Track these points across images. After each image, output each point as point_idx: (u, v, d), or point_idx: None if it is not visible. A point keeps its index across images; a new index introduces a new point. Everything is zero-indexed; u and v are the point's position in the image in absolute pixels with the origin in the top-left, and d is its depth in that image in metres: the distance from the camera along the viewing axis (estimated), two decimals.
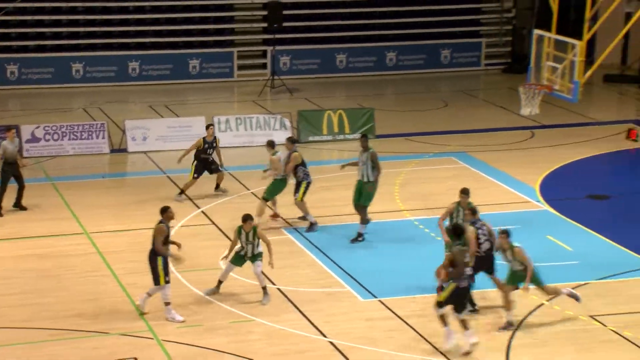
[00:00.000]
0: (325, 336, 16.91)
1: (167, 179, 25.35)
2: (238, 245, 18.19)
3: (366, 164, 20.98)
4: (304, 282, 19.13)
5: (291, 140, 22.42)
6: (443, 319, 16.18)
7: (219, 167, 23.81)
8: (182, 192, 23.51)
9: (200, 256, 20.21)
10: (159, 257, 17.36)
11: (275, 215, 22.51)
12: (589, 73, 22.71)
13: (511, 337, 16.88)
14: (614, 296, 18.53)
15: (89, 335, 16.94)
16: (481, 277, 17.66)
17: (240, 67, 36.79)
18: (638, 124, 30.37)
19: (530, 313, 17.82)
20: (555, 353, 16.43)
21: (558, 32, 23.33)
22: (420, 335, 16.92)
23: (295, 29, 37.26)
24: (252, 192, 23.99)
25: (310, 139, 28.87)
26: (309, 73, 37.09)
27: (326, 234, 21.70)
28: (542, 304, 18.17)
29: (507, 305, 17.04)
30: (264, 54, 36.99)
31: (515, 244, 17.06)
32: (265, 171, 22.10)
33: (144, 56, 35.92)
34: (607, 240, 21.36)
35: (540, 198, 24.01)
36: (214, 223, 22.24)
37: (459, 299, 16.19)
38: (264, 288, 18.26)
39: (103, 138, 27.87)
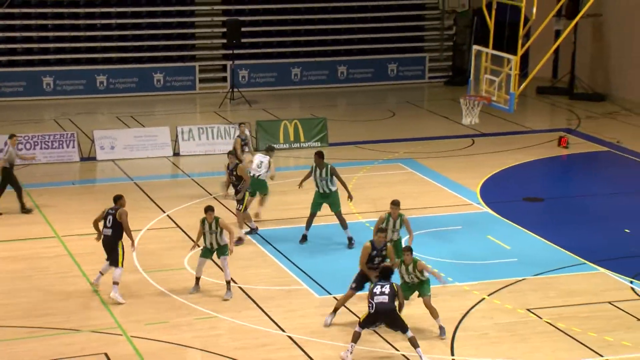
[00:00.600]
0: (284, 331, 16.95)
1: (134, 185, 25.26)
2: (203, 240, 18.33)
3: (325, 179, 20.93)
4: (264, 281, 19.17)
5: (269, 149, 22.71)
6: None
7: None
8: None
9: (165, 257, 20.21)
10: (120, 241, 18.04)
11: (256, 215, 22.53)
12: (523, 85, 22.86)
13: (455, 330, 17.01)
14: (548, 290, 18.71)
15: (60, 333, 16.84)
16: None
17: (202, 80, 36.72)
18: (568, 132, 30.68)
19: (473, 307, 17.96)
20: (496, 343, 16.56)
21: (495, 48, 23.46)
22: (374, 330, 17.02)
23: (253, 44, 37.28)
24: (213, 197, 23.98)
25: None
26: (266, 86, 37.08)
27: (284, 235, 21.70)
28: (484, 299, 18.32)
29: (433, 313, 16.96)
30: (224, 68, 36.94)
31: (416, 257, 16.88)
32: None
33: (111, 70, 35.74)
34: (542, 239, 21.54)
35: (481, 201, 24.17)
36: (178, 226, 22.21)
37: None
38: (228, 283, 18.30)
39: (73, 147, 27.73)
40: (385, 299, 15.69)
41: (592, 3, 25.61)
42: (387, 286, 15.84)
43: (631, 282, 19.20)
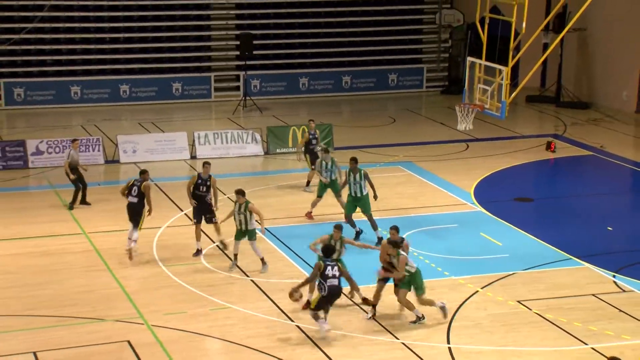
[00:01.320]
0: (292, 320, 16.99)
1: (154, 186, 25.24)
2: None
3: (359, 183, 20.84)
4: (274, 274, 19.17)
5: (325, 150, 22.98)
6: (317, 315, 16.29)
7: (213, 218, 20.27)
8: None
9: (183, 252, 20.21)
10: (145, 209, 19.69)
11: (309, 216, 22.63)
12: (514, 94, 22.85)
13: (451, 320, 17.02)
14: (537, 284, 18.70)
15: (87, 322, 16.89)
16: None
17: (217, 89, 36.76)
18: (555, 137, 30.67)
19: (467, 299, 17.96)
20: (488, 333, 16.58)
21: (487, 60, 23.45)
22: (374, 318, 17.03)
23: (264, 56, 37.30)
24: (227, 197, 24.00)
25: (278, 150, 28.91)
26: (276, 94, 37.12)
27: (293, 232, 21.72)
28: (477, 291, 18.33)
29: (408, 306, 16.86)
30: (237, 78, 36.98)
31: (401, 252, 16.77)
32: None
33: (133, 80, 35.81)
34: (531, 236, 21.54)
35: (475, 201, 24.17)
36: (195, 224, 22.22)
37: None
38: (262, 259, 19.08)
39: (98, 151, 27.78)
40: (336, 281, 16.02)
41: (577, 18, 25.55)
42: (336, 267, 16.17)
43: (614, 276, 19.19)
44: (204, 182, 20.09)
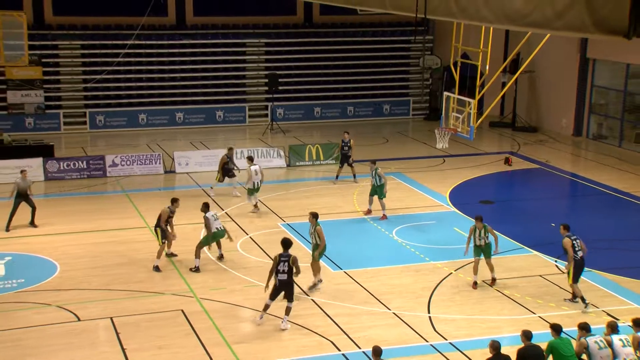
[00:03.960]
0: (308, 295, 16.97)
1: (201, 190, 25.34)
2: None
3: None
4: None
5: (373, 161, 22.87)
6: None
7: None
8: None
9: (223, 242, 20.02)
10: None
11: (368, 212, 22.39)
12: (479, 120, 22.84)
13: (430, 296, 16.98)
14: (497, 267, 18.49)
15: (149, 295, 16.96)
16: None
17: (250, 116, 36.71)
18: (512, 154, 30.54)
19: (443, 279, 17.92)
20: (460, 305, 16.55)
21: (459, 94, 23.46)
22: (370, 293, 16.99)
23: (287, 91, 37.25)
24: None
25: (298, 164, 28.86)
26: (296, 120, 37.09)
27: (308, 226, 21.68)
28: (451, 273, 18.26)
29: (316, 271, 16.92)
30: (266, 107, 36.98)
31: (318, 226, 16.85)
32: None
33: (187, 109, 35.83)
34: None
35: (449, 203, 24.11)
36: (233, 220, 22.12)
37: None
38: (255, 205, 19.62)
39: (159, 164, 27.82)
40: (285, 276, 15.24)
41: (528, 63, 25.52)
42: (287, 263, 15.14)
43: (555, 261, 19.12)
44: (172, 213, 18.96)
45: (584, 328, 12.81)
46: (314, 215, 17.27)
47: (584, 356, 12.69)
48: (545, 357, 12.51)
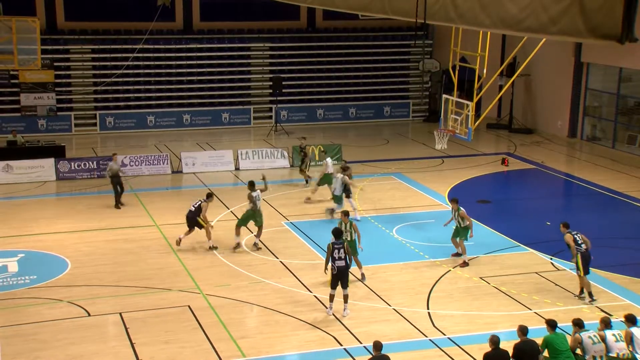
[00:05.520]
0: (311, 291, 17.01)
1: (208, 191, 25.33)
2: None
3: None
4: (297, 257, 19.19)
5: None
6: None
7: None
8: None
9: (229, 240, 20.15)
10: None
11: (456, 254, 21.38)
12: (477, 122, 22.82)
13: (430, 291, 16.98)
14: (494, 264, 18.64)
15: (158, 291, 16.97)
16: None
17: (255, 118, 36.78)
18: (508, 155, 30.55)
19: (442, 276, 17.93)
20: (458, 301, 16.54)
21: (458, 96, 23.46)
22: (371, 289, 16.98)
23: (291, 93, 37.30)
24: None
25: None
26: (299, 121, 37.13)
27: (311, 225, 21.71)
28: (450, 270, 18.27)
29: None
30: (270, 110, 37.03)
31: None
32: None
33: (193, 111, 35.91)
34: (490, 229, 21.49)
35: (448, 202, 24.12)
36: (238, 218, 22.18)
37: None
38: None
39: (167, 164, 27.86)
40: (343, 262, 15.47)
41: (524, 66, 25.50)
42: (342, 249, 15.46)
43: (551, 259, 19.11)
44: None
45: (578, 324, 12.85)
46: (345, 214, 17.56)
47: (578, 351, 12.69)
48: (541, 352, 12.51)
